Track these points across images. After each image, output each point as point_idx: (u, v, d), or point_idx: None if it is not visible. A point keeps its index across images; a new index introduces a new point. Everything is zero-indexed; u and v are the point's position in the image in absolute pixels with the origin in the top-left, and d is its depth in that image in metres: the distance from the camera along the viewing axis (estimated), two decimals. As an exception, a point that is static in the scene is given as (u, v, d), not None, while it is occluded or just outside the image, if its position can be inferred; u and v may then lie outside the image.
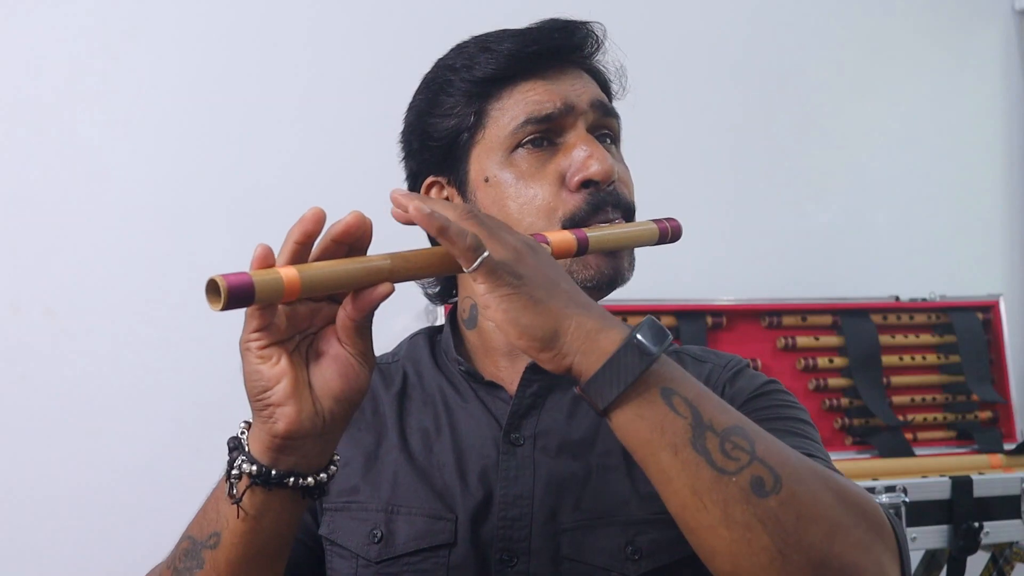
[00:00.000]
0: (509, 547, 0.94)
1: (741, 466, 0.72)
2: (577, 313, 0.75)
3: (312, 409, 0.75)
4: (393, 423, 1.02)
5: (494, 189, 0.97)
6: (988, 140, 2.65)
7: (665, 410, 0.73)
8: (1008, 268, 2.63)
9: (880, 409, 2.10)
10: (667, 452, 0.73)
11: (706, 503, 0.72)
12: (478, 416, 1.00)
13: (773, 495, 0.71)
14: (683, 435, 0.73)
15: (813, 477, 0.74)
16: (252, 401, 0.76)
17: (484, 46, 0.99)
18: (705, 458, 0.72)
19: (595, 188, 0.95)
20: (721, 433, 0.73)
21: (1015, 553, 1.94)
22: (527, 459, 0.97)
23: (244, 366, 0.75)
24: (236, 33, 1.98)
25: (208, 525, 0.81)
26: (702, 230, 2.29)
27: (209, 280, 0.67)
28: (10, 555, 1.78)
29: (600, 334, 0.74)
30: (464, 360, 1.04)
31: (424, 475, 0.98)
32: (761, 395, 1.00)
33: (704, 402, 0.75)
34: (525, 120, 0.96)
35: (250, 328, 0.74)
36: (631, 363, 0.73)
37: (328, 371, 0.77)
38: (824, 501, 0.73)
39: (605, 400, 0.73)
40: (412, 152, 1.04)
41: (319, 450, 0.78)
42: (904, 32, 2.57)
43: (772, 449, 0.74)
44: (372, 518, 0.97)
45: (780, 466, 0.73)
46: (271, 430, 0.75)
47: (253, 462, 0.76)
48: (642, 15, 2.27)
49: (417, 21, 2.07)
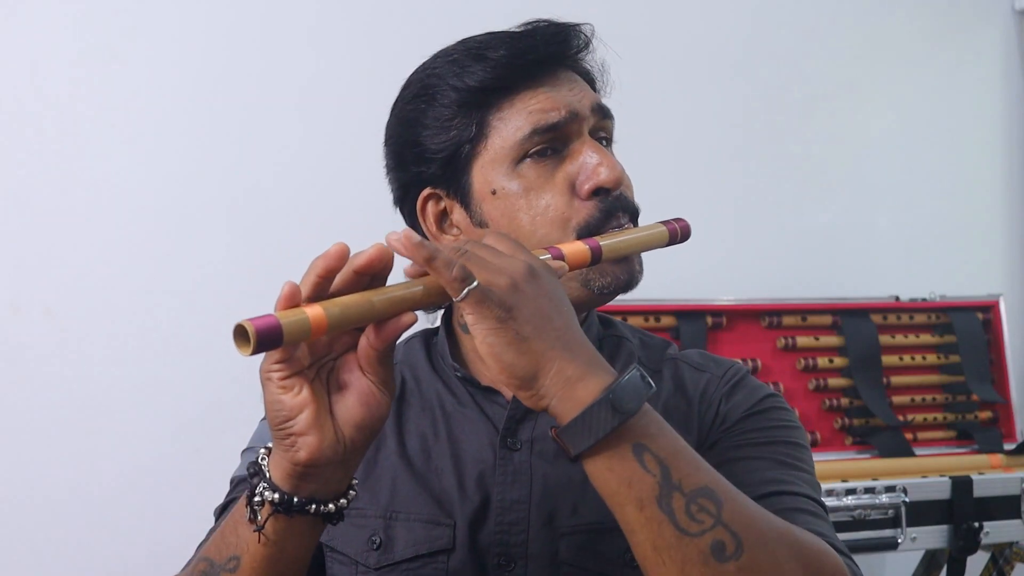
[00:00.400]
0: (507, 552, 0.94)
1: (704, 529, 0.73)
2: (560, 356, 0.74)
3: (334, 437, 0.75)
4: (391, 429, 1.02)
5: (503, 202, 0.95)
6: (988, 140, 2.64)
7: (634, 466, 0.73)
8: (1008, 268, 2.63)
9: (880, 409, 2.10)
10: (632, 507, 0.73)
11: (664, 560, 0.73)
12: (475, 421, 1.00)
13: (732, 560, 0.72)
14: (650, 492, 0.73)
15: (778, 544, 0.75)
16: (274, 430, 0.75)
17: (477, 54, 0.96)
18: (669, 517, 0.73)
19: (605, 194, 0.94)
20: (688, 494, 0.73)
21: (1015, 553, 1.94)
22: (524, 464, 0.97)
23: (265, 395, 0.75)
24: (236, 33, 1.98)
25: (227, 548, 0.81)
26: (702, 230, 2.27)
27: (236, 326, 0.67)
28: (10, 555, 1.78)
29: (579, 383, 0.74)
30: (460, 365, 1.03)
31: (422, 481, 0.98)
32: (757, 413, 0.99)
33: (677, 460, 0.75)
34: (532, 131, 0.94)
35: (271, 359, 0.74)
36: (604, 418, 0.73)
37: (350, 400, 0.77)
38: (786, 568, 0.74)
39: (577, 449, 0.74)
40: (404, 164, 1.00)
41: (340, 476, 0.78)
42: (904, 32, 2.57)
43: (739, 513, 0.74)
44: (371, 524, 0.97)
45: (744, 531, 0.73)
46: (293, 458, 0.75)
47: (275, 489, 0.76)
48: (643, 15, 2.27)
49: (417, 21, 2.07)
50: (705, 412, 1.00)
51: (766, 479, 0.90)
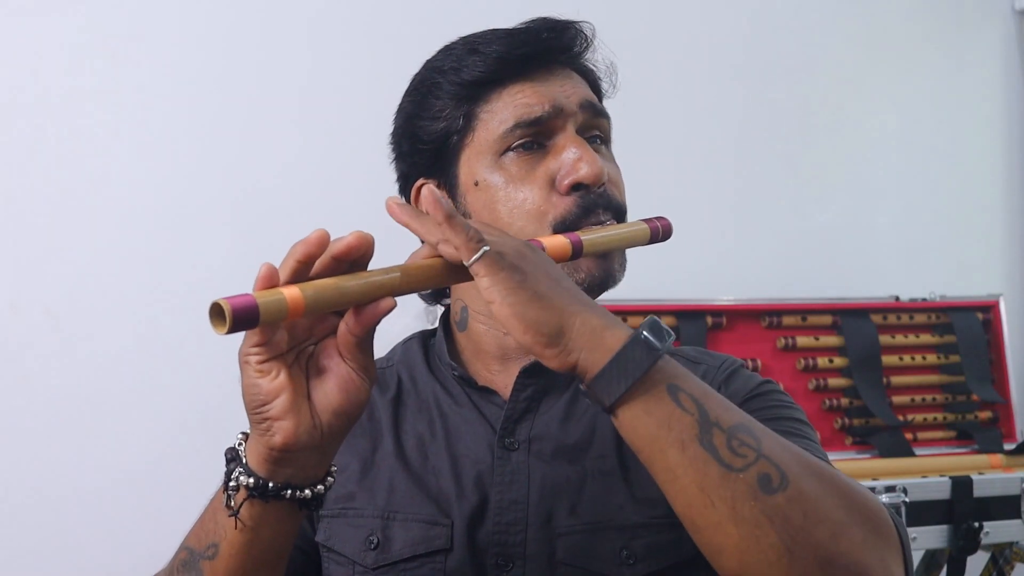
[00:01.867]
0: (505, 552, 0.94)
1: (748, 463, 0.72)
2: (581, 310, 0.74)
3: (310, 423, 0.75)
4: (389, 429, 1.02)
5: (484, 193, 0.96)
6: (988, 140, 2.65)
7: (672, 406, 0.73)
8: (1008, 268, 2.63)
9: (880, 409, 2.10)
10: (674, 448, 0.72)
11: (713, 500, 0.71)
12: (473, 421, 1.00)
13: (780, 492, 0.71)
14: (690, 431, 0.72)
15: (818, 476, 0.74)
16: (250, 414, 0.75)
17: (472, 48, 0.98)
18: (712, 455, 0.72)
19: (585, 191, 0.94)
20: (728, 430, 0.73)
21: (1015, 553, 1.94)
22: (522, 464, 0.97)
23: (243, 379, 0.75)
24: (236, 34, 1.98)
25: (206, 536, 0.81)
26: (702, 230, 2.30)
27: (212, 304, 0.67)
28: (10, 555, 1.78)
29: (605, 331, 0.74)
30: (457, 365, 1.03)
31: (420, 481, 0.98)
32: (757, 395, 1.00)
33: (709, 399, 0.74)
34: (514, 124, 0.95)
35: (250, 342, 0.74)
36: (637, 359, 0.72)
37: (329, 385, 0.76)
38: (830, 500, 0.73)
39: (612, 396, 0.73)
40: (402, 154, 1.03)
41: (316, 462, 0.78)
42: (904, 32, 2.57)
43: (777, 447, 0.74)
44: (368, 524, 0.97)
45: (786, 464, 0.73)
46: (268, 443, 0.75)
47: (250, 474, 0.76)
48: (644, 15, 2.27)
49: (417, 21, 2.07)
50: None
51: None
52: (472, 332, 1.03)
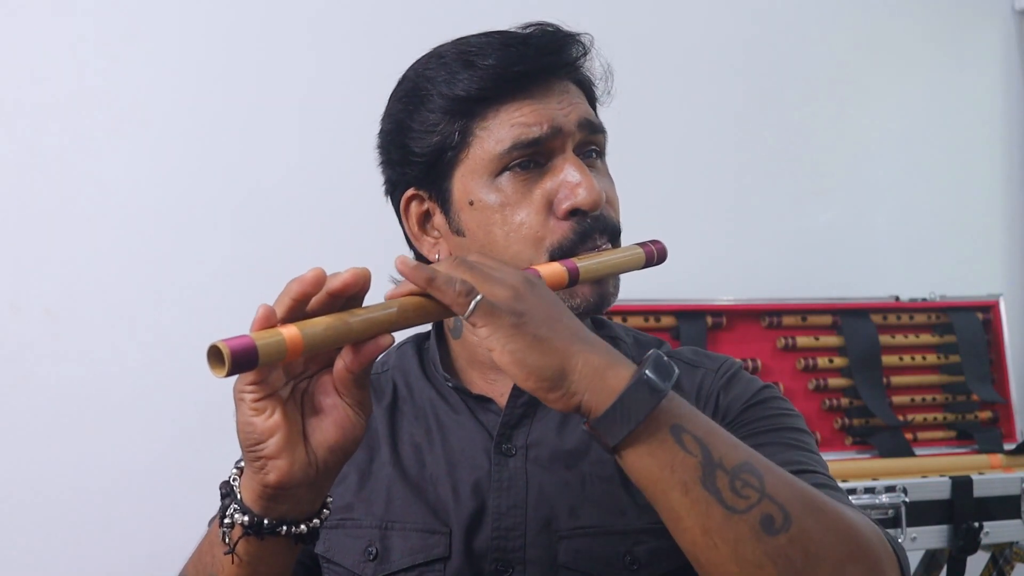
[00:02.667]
0: (504, 557, 0.94)
1: (751, 504, 0.72)
2: (583, 350, 0.73)
3: (305, 460, 0.74)
4: (385, 437, 1.02)
5: (479, 213, 0.94)
6: (988, 140, 2.64)
7: (675, 448, 0.72)
8: (1008, 268, 2.63)
9: (880, 409, 2.10)
10: (677, 491, 0.72)
11: (716, 541, 0.72)
12: (469, 428, 1.00)
13: (783, 533, 0.72)
14: (693, 473, 0.72)
15: (820, 512, 0.74)
16: (245, 451, 0.74)
17: (467, 60, 0.95)
18: (715, 497, 0.72)
19: (582, 216, 0.93)
20: (731, 471, 0.73)
21: (1015, 553, 1.94)
22: (519, 469, 0.97)
23: (238, 415, 0.74)
24: (237, 34, 1.98)
25: (204, 568, 0.81)
26: (702, 230, 2.30)
27: (211, 347, 0.66)
28: (10, 555, 1.78)
29: (608, 371, 0.73)
30: (451, 374, 1.03)
31: (417, 489, 0.98)
32: (757, 404, 0.99)
33: (713, 438, 0.74)
34: (512, 145, 0.93)
35: (245, 380, 0.73)
36: (641, 401, 0.72)
37: (325, 423, 0.75)
38: (831, 537, 0.74)
39: (615, 438, 0.72)
40: (391, 162, 1.01)
41: (311, 497, 0.77)
42: (904, 32, 2.57)
43: (781, 484, 0.74)
44: (367, 535, 0.96)
45: (789, 503, 0.73)
46: (263, 480, 0.74)
47: (245, 511, 0.76)
48: (644, 16, 2.27)
49: (419, 21, 2.07)
50: (704, 407, 1.00)
51: (782, 462, 0.90)
52: (467, 341, 1.02)
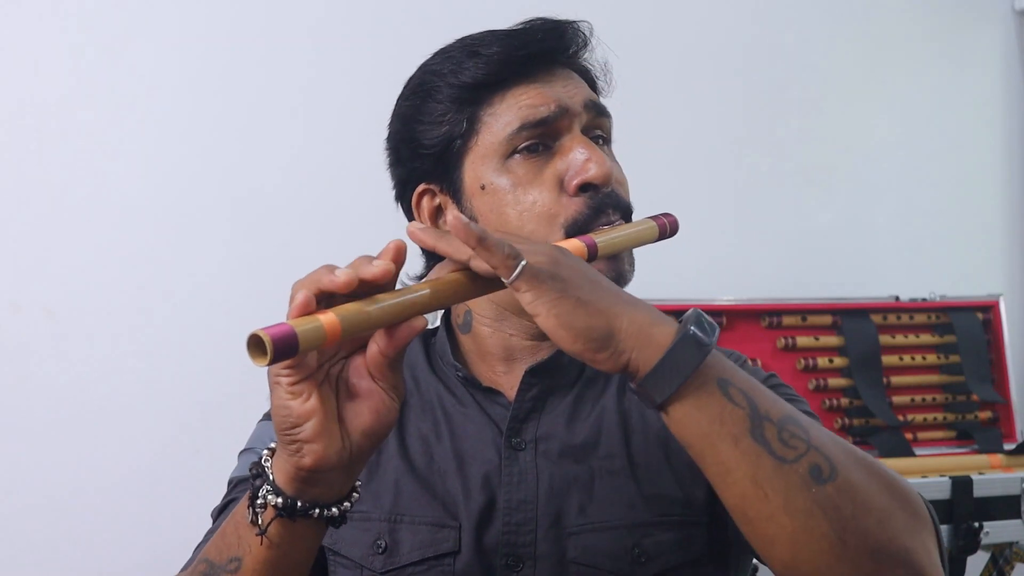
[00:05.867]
0: (514, 552, 0.94)
1: (800, 454, 0.73)
2: (627, 310, 0.75)
3: (340, 444, 0.74)
4: (392, 430, 1.01)
5: (491, 197, 0.95)
6: (988, 140, 2.65)
7: (723, 401, 0.74)
8: (1008, 268, 2.63)
9: (880, 409, 2.10)
10: (727, 443, 0.73)
11: (767, 492, 0.73)
12: (478, 421, 1.00)
13: (830, 482, 0.73)
14: (742, 425, 0.73)
15: (864, 464, 0.76)
16: (280, 434, 0.74)
17: (472, 50, 0.97)
18: (765, 447, 0.73)
19: (594, 191, 0.94)
20: (778, 422, 0.74)
21: (1015, 553, 1.94)
22: (529, 463, 0.97)
23: (273, 399, 0.74)
24: (237, 34, 1.97)
25: (228, 549, 0.80)
26: (702, 230, 2.29)
27: (251, 335, 0.66)
28: (10, 555, 1.78)
29: (653, 328, 0.74)
30: (461, 366, 1.03)
31: (426, 483, 0.98)
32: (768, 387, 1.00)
33: (757, 392, 0.75)
34: (520, 126, 0.95)
35: (281, 363, 0.72)
36: (688, 356, 0.73)
37: (360, 406, 0.75)
38: (875, 487, 0.75)
39: (663, 394, 0.73)
40: (401, 160, 1.02)
41: (343, 480, 0.77)
42: (904, 32, 2.57)
43: (825, 437, 0.76)
44: (375, 528, 0.96)
45: (834, 454, 0.74)
46: (298, 464, 0.74)
47: (279, 493, 0.75)
48: (645, 14, 2.27)
49: (419, 21, 2.07)
50: None
51: None
52: (476, 334, 1.02)
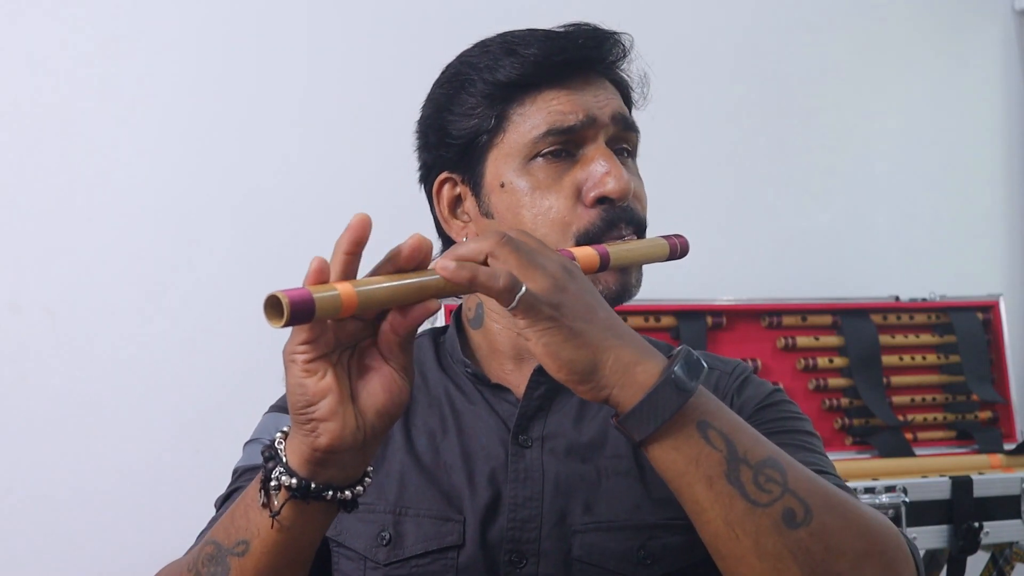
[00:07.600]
0: (518, 548, 0.94)
1: (773, 498, 0.75)
2: (615, 344, 0.76)
3: (354, 424, 0.74)
4: (398, 424, 1.02)
5: (509, 196, 0.97)
6: (988, 140, 2.65)
7: (701, 443, 0.75)
8: (1008, 268, 2.63)
9: (880, 409, 2.10)
10: (701, 484, 0.75)
11: (738, 534, 0.75)
12: (485, 418, 1.01)
13: (803, 527, 0.74)
14: (718, 468, 0.75)
15: (840, 508, 0.77)
16: (295, 414, 0.74)
17: (510, 48, 0.98)
18: (739, 490, 0.75)
19: (610, 205, 0.95)
20: (755, 465, 0.75)
21: (1015, 553, 1.94)
22: (536, 461, 0.97)
23: (288, 378, 0.74)
24: (236, 34, 1.98)
25: (236, 532, 0.80)
26: (702, 230, 2.28)
27: (269, 296, 0.67)
28: (10, 555, 1.78)
29: (637, 367, 0.76)
30: (470, 362, 1.04)
31: (431, 476, 0.98)
32: (769, 406, 1.01)
33: (739, 434, 0.77)
34: (547, 131, 0.96)
35: (298, 339, 0.73)
36: (668, 399, 0.74)
37: (373, 386, 0.76)
38: (850, 532, 0.76)
39: (642, 434, 0.75)
40: (428, 145, 1.03)
41: (357, 462, 0.77)
42: (904, 32, 2.57)
43: (802, 480, 0.76)
44: (380, 520, 0.97)
45: (810, 497, 0.75)
46: (313, 444, 0.74)
47: (292, 475, 0.75)
48: (642, 15, 2.27)
49: (418, 22, 2.07)
50: None
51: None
52: (487, 330, 1.03)
